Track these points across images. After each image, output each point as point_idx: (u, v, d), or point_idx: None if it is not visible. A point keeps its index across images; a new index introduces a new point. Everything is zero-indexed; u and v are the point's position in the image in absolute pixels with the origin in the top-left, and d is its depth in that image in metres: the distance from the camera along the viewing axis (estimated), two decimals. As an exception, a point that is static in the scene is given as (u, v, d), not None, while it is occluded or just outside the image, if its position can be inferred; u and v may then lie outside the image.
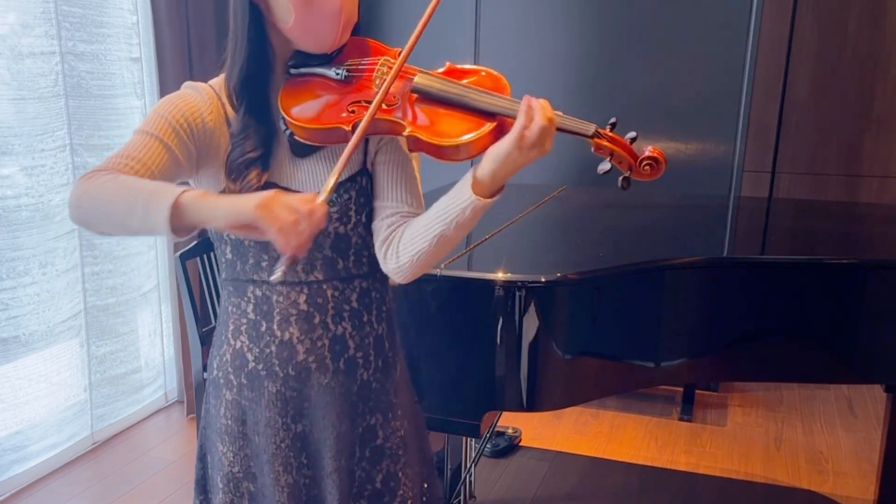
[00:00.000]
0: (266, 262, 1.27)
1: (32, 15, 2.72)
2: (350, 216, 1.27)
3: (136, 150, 1.16)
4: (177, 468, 3.01)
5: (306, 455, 1.33)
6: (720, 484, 2.94)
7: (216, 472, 1.38)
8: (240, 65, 1.24)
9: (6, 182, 2.70)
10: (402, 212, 1.28)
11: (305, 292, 1.28)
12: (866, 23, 3.90)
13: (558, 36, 3.53)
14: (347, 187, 1.27)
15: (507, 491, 2.85)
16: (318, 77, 1.26)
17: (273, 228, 1.03)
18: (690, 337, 1.99)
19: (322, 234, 1.25)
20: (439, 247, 1.22)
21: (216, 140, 1.25)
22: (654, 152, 1.19)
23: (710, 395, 3.72)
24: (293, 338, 1.29)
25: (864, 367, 2.03)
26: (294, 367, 1.30)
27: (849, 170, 4.06)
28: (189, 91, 1.26)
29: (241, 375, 1.32)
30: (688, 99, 3.37)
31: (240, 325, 1.31)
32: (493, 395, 1.79)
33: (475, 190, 1.16)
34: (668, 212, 2.80)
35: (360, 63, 1.26)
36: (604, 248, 2.29)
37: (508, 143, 1.12)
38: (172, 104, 1.23)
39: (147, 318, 3.41)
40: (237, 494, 1.36)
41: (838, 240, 2.55)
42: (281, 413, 1.31)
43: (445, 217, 1.19)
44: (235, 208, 1.05)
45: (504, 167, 1.14)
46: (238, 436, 1.34)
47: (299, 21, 1.20)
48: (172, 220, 1.05)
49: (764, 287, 2.01)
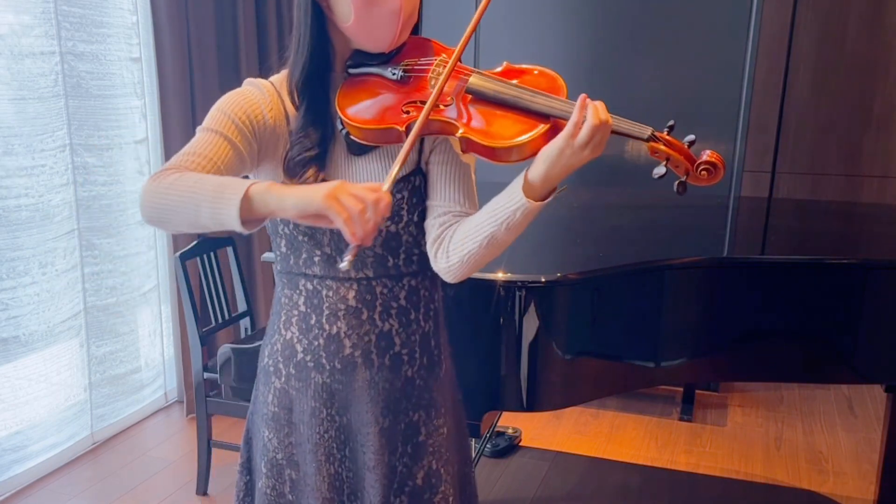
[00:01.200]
0: (318, 257, 1.30)
1: (32, 15, 2.72)
2: (402, 215, 1.29)
3: (201, 147, 1.18)
4: (177, 468, 3.01)
5: (349, 448, 1.35)
6: (720, 484, 2.94)
7: (261, 458, 1.40)
8: (302, 62, 1.25)
9: (6, 182, 2.70)
10: (454, 211, 1.28)
11: (355, 288, 1.30)
12: (866, 23, 3.90)
13: (558, 37, 3.53)
14: (400, 187, 1.28)
15: (507, 491, 2.85)
16: (375, 77, 1.27)
17: (341, 218, 1.04)
18: (690, 337, 1.99)
19: None
20: (489, 248, 1.22)
21: (276, 137, 1.28)
22: (712, 157, 1.16)
23: (710, 395, 3.72)
24: (341, 332, 1.31)
25: (864, 367, 2.03)
26: (340, 360, 1.32)
27: (849, 170, 4.06)
28: (250, 88, 1.28)
29: (289, 365, 1.35)
30: (688, 99, 3.37)
31: (291, 317, 1.34)
32: (493, 395, 1.79)
33: (526, 192, 1.16)
34: (668, 212, 2.80)
35: (416, 63, 1.27)
36: (604, 248, 2.29)
37: (560, 143, 1.12)
38: (234, 101, 1.24)
39: (147, 318, 3.41)
40: (280, 480, 1.38)
41: (838, 240, 2.55)
42: (326, 404, 1.33)
43: (496, 219, 1.19)
44: (305, 199, 1.06)
45: (556, 168, 1.13)
46: (284, 423, 1.36)
47: (359, 20, 1.22)
48: (242, 213, 1.07)
49: (764, 287, 2.01)
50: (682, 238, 2.43)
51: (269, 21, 3.66)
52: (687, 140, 1.17)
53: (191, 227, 1.14)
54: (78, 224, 2.98)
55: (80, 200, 2.98)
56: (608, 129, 1.13)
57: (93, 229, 3.05)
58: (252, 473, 1.45)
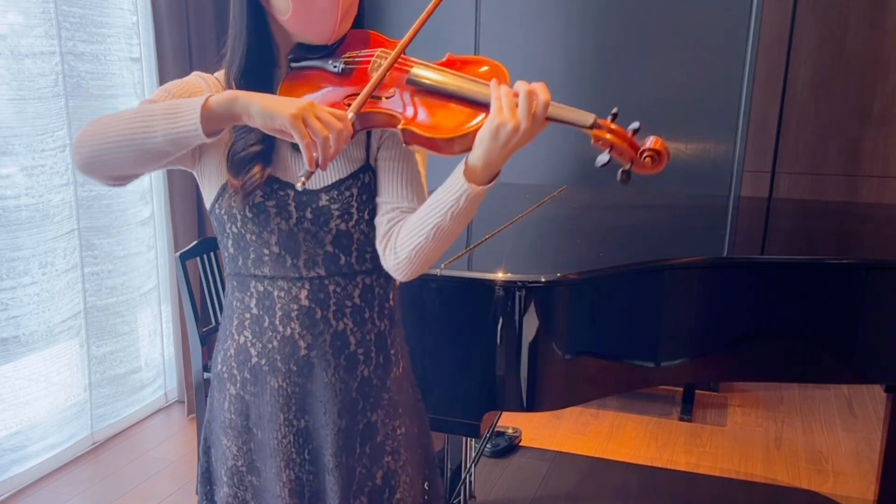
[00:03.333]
0: (267, 256, 1.27)
1: (32, 15, 2.72)
2: (352, 213, 1.26)
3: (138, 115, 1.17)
4: (177, 468, 3.01)
5: (308, 451, 1.33)
6: (720, 484, 2.94)
7: (220, 466, 1.38)
8: (239, 57, 1.24)
9: (6, 182, 2.70)
10: (402, 207, 1.26)
11: (307, 288, 1.28)
12: (866, 23, 3.90)
13: (558, 37, 3.53)
14: (349, 184, 1.26)
15: (507, 491, 2.85)
16: (316, 70, 1.25)
17: (304, 141, 1.05)
18: (690, 337, 1.99)
19: (323, 230, 1.26)
20: (437, 240, 1.19)
21: None
22: (655, 144, 1.13)
23: (710, 395, 3.72)
24: (295, 333, 1.29)
25: (864, 367, 2.03)
26: (296, 362, 1.30)
27: (849, 170, 4.06)
28: (196, 78, 1.27)
29: (244, 370, 1.32)
30: (688, 99, 3.37)
31: (243, 320, 1.31)
32: (493, 395, 1.79)
33: (468, 177, 1.13)
34: (668, 212, 2.80)
35: (357, 55, 1.25)
36: (604, 248, 2.29)
37: (493, 121, 1.09)
38: (179, 85, 1.24)
39: (147, 318, 3.41)
40: (241, 488, 1.36)
41: (838, 240, 2.55)
42: (283, 409, 1.31)
43: (440, 208, 1.16)
44: (271, 109, 1.06)
45: (493, 149, 1.10)
46: (242, 430, 1.34)
47: (297, 12, 1.20)
48: (203, 122, 1.07)
49: (764, 287, 2.01)
50: (682, 238, 2.43)
51: (269, 21, 3.65)
52: (631, 128, 1.14)
53: (137, 156, 1.11)
54: (78, 224, 2.98)
55: (80, 200, 2.98)
56: (541, 103, 1.09)
57: (93, 229, 3.05)
58: (212, 483, 1.42)
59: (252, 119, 1.08)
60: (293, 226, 1.25)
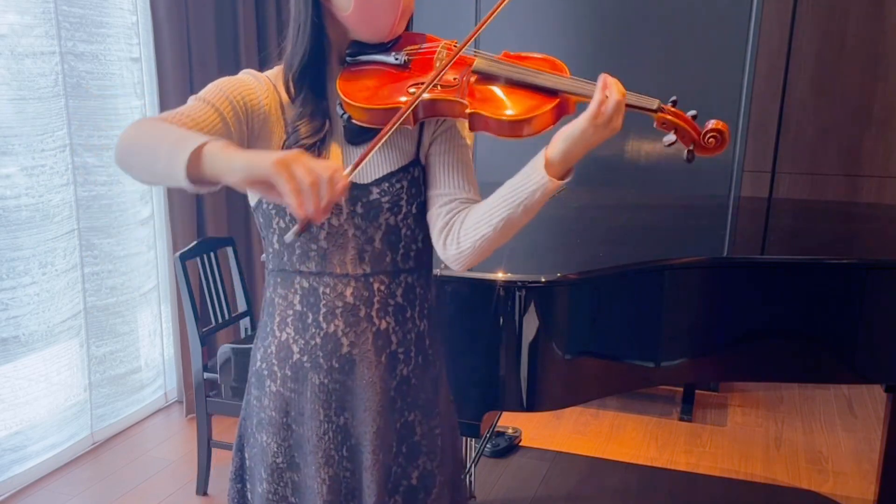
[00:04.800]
0: (314, 252, 1.28)
1: (32, 15, 2.72)
2: (401, 206, 1.27)
3: (192, 111, 1.16)
4: (176, 468, 3.01)
5: (347, 448, 1.34)
6: (720, 484, 2.94)
7: (259, 463, 1.38)
8: (301, 52, 1.25)
9: (6, 182, 2.70)
10: (461, 198, 1.27)
11: (352, 285, 1.28)
12: (866, 23, 3.90)
13: (558, 37, 3.53)
14: (399, 177, 1.27)
15: (507, 491, 2.85)
16: (376, 64, 1.27)
17: (288, 187, 0.95)
18: (690, 337, 1.99)
19: (373, 225, 1.27)
20: (503, 231, 1.21)
21: (270, 126, 1.26)
22: (717, 125, 1.20)
23: (710, 395, 3.72)
24: (338, 330, 1.29)
25: (864, 367, 2.03)
26: (338, 359, 1.30)
27: (849, 170, 4.06)
28: (246, 76, 1.28)
29: (285, 367, 1.33)
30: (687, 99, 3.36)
31: (286, 317, 1.32)
32: (493, 395, 1.79)
33: (547, 171, 1.15)
34: (668, 212, 2.80)
35: (418, 48, 1.27)
36: (604, 248, 2.29)
37: (584, 120, 1.12)
38: (231, 82, 1.24)
39: (147, 318, 3.41)
40: (281, 484, 1.36)
41: (838, 240, 2.55)
42: (324, 405, 1.32)
43: (514, 199, 1.18)
44: (253, 162, 0.98)
45: (577, 146, 1.13)
46: (282, 427, 1.35)
47: (358, 8, 1.21)
48: (191, 169, 1.00)
49: (764, 287, 2.01)
50: (682, 238, 2.43)
51: (269, 21, 3.66)
52: (690, 114, 1.21)
53: (148, 174, 1.09)
54: (78, 224, 2.98)
55: (80, 200, 2.98)
56: (625, 102, 1.13)
57: (93, 229, 3.05)
58: (245, 481, 1.42)
59: (234, 173, 0.99)
60: (343, 221, 1.26)
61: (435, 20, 3.60)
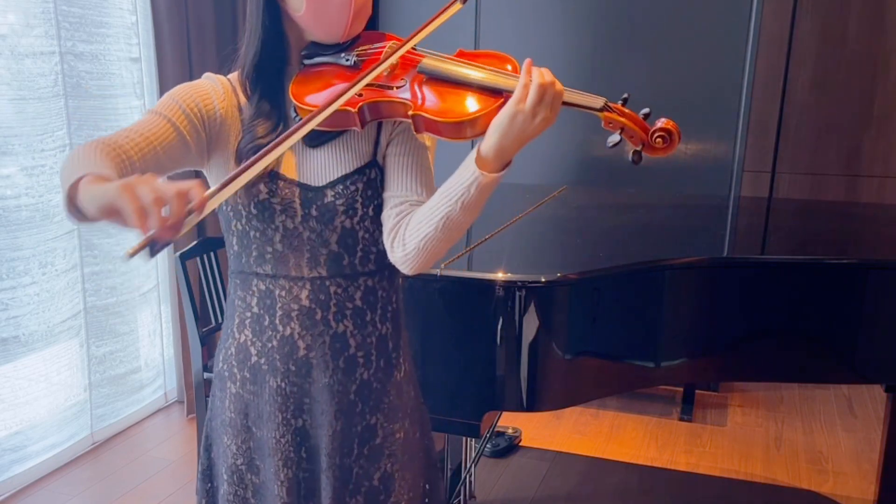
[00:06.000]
0: (270, 254, 1.27)
1: (32, 15, 2.72)
2: (356, 208, 1.26)
3: (142, 126, 1.17)
4: (176, 468, 3.01)
5: (305, 450, 1.34)
6: (720, 484, 2.94)
7: (221, 464, 1.39)
8: (253, 52, 1.26)
9: (6, 182, 2.70)
10: (411, 200, 1.25)
11: (308, 288, 1.28)
12: (866, 23, 3.90)
13: (557, 36, 3.53)
14: (354, 179, 1.26)
15: (507, 491, 2.85)
16: (329, 65, 1.27)
17: (130, 207, 0.90)
18: (690, 337, 1.99)
19: (328, 228, 1.26)
20: (446, 230, 1.18)
21: (227, 128, 1.27)
22: (667, 124, 1.16)
23: (710, 395, 3.71)
24: (294, 333, 1.29)
25: (864, 367, 2.03)
26: (294, 362, 1.30)
27: (849, 170, 4.06)
28: (203, 81, 1.29)
29: (244, 369, 1.33)
30: (688, 99, 3.37)
31: (244, 319, 1.32)
32: (493, 395, 1.79)
33: (479, 165, 1.13)
34: (668, 212, 2.80)
35: (370, 48, 1.27)
36: (604, 248, 2.29)
37: (510, 108, 1.10)
38: (185, 90, 1.25)
39: (147, 317, 3.41)
40: (241, 486, 1.37)
41: (838, 240, 2.55)
42: (281, 408, 1.31)
43: (450, 197, 1.16)
44: (102, 189, 0.94)
45: (507, 138, 1.10)
46: (241, 429, 1.35)
47: (310, 9, 1.22)
48: (70, 205, 1.01)
49: (764, 287, 2.01)
50: (682, 238, 2.43)
51: (269, 21, 3.65)
52: (642, 113, 1.17)
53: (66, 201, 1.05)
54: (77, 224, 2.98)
55: (79, 200, 2.98)
56: (557, 93, 1.11)
57: (92, 229, 3.05)
58: (213, 480, 1.43)
59: (90, 203, 0.97)
60: (298, 223, 1.26)
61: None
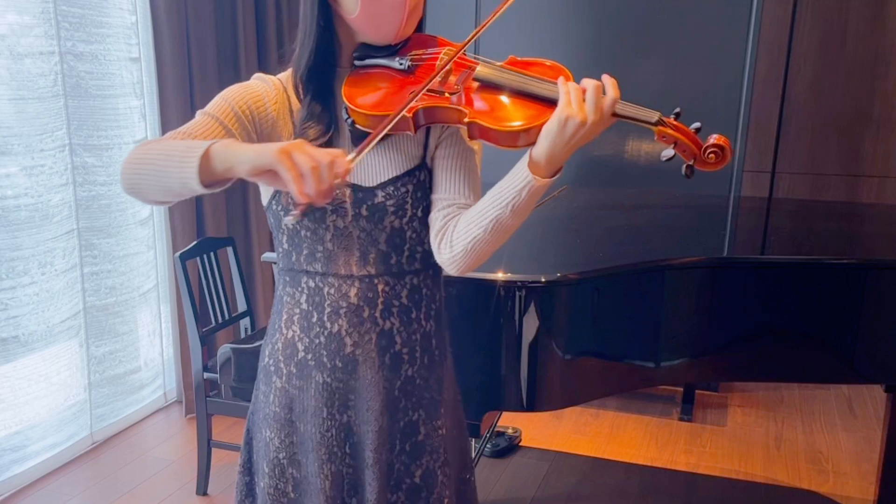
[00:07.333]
0: (320, 253, 1.30)
1: (32, 15, 2.72)
2: (406, 209, 1.28)
3: (194, 128, 1.19)
4: (176, 468, 3.00)
5: (350, 445, 1.35)
6: (720, 484, 2.94)
7: (262, 458, 1.40)
8: (308, 54, 1.26)
9: (6, 182, 2.70)
10: (459, 203, 1.28)
11: (357, 286, 1.30)
12: (866, 23, 3.90)
13: (557, 37, 3.53)
14: (405, 181, 1.28)
15: (507, 491, 2.85)
16: (381, 68, 1.27)
17: (290, 174, 1.01)
18: (690, 337, 1.99)
19: (378, 227, 1.28)
20: (495, 233, 1.21)
21: (278, 129, 1.29)
22: (719, 140, 1.18)
23: (710, 395, 3.72)
24: (342, 330, 1.31)
25: (864, 367, 2.03)
26: (341, 358, 1.32)
27: (849, 170, 4.06)
28: (256, 82, 1.30)
29: (290, 364, 1.35)
30: (688, 99, 3.37)
31: (293, 315, 1.34)
32: (493, 395, 1.79)
33: (532, 170, 1.15)
34: (668, 212, 2.80)
35: (424, 53, 1.27)
36: (604, 248, 2.29)
37: (560, 113, 1.12)
38: (237, 91, 1.26)
39: (146, 317, 3.41)
40: (282, 480, 1.38)
41: (838, 240, 2.55)
42: (327, 403, 1.33)
43: (501, 200, 1.18)
44: (259, 152, 1.04)
45: (557, 144, 1.13)
46: (285, 423, 1.36)
47: (364, 11, 1.22)
48: (203, 173, 1.06)
49: (764, 287, 2.01)
50: (682, 238, 2.43)
51: (269, 21, 3.66)
52: (693, 127, 1.19)
53: (162, 192, 1.13)
54: (77, 224, 2.98)
55: (79, 200, 2.98)
56: (609, 98, 1.12)
57: (92, 229, 3.05)
58: (253, 474, 1.45)
59: (242, 165, 1.06)
60: (349, 223, 1.28)
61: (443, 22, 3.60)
